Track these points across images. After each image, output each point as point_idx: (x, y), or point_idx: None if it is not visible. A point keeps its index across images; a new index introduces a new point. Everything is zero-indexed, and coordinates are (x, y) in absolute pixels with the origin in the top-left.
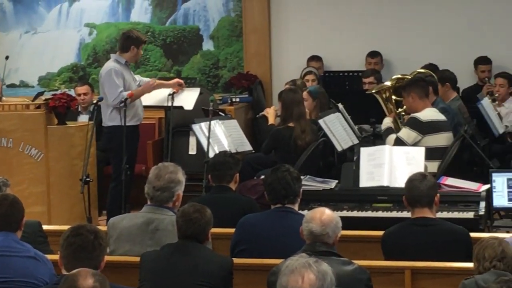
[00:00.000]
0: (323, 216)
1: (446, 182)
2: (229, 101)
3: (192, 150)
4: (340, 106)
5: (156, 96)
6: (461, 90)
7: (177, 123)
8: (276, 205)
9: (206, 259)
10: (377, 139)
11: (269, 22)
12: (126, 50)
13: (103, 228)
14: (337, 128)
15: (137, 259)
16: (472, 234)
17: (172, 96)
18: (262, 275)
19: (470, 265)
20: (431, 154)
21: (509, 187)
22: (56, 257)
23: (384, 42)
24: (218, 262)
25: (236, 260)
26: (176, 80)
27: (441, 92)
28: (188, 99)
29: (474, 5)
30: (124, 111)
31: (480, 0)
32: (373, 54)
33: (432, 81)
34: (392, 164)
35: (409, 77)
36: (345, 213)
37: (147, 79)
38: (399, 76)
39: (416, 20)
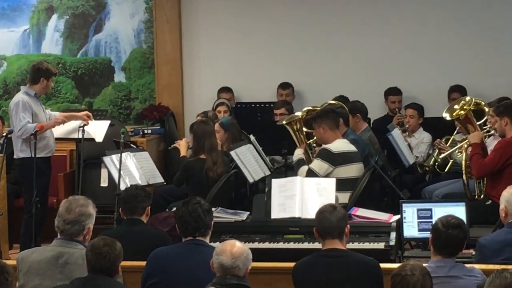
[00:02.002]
0: (234, 248)
1: (357, 213)
2: (141, 133)
3: (104, 182)
4: (252, 137)
5: (67, 128)
6: (372, 121)
7: (89, 155)
8: (187, 238)
9: None
10: (289, 170)
11: (181, 54)
12: (36, 82)
13: (13, 262)
14: (249, 160)
15: None
16: (383, 265)
17: (82, 128)
18: None
19: None
20: (342, 185)
21: (419, 217)
22: None
23: (296, 73)
24: None
25: None
26: (85, 112)
27: (352, 123)
28: (98, 131)
29: (384, 37)
30: (34, 144)
31: (390, 31)
32: (285, 86)
33: (342, 112)
34: (303, 195)
35: (320, 108)
36: (256, 245)
37: (56, 113)
38: (310, 107)
39: (328, 51)
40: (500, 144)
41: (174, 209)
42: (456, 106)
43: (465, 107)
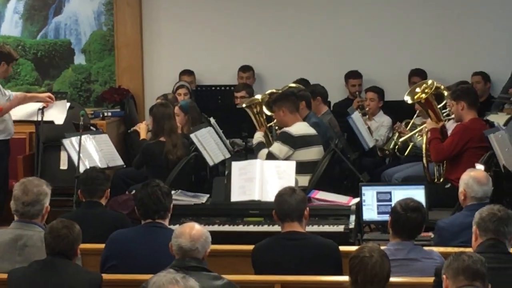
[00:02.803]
0: (193, 231)
1: (317, 196)
2: (101, 116)
3: (63, 165)
4: (212, 120)
5: (26, 111)
6: (332, 104)
7: (48, 138)
8: (146, 221)
9: (75, 276)
10: (249, 153)
11: (141, 36)
12: None
13: None
14: (209, 143)
15: (5, 276)
16: (342, 248)
17: (42, 110)
18: None
19: (339, 278)
20: (302, 168)
21: (378, 200)
22: None
23: (256, 56)
24: (86, 279)
25: (105, 276)
26: (47, 94)
27: (312, 106)
28: (58, 113)
29: (345, 20)
30: None
31: (351, 14)
32: (245, 69)
33: (305, 95)
34: (263, 178)
35: (280, 91)
36: (216, 228)
37: (18, 93)
38: (271, 90)
39: (288, 35)
40: (457, 129)
41: (134, 191)
42: (417, 89)
43: (426, 90)
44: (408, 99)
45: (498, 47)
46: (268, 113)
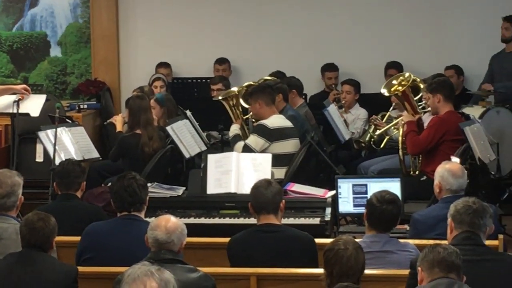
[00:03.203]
0: (168, 223)
1: (293, 188)
2: (77, 108)
3: (39, 158)
4: (188, 113)
5: (2, 103)
6: (308, 97)
7: (24, 130)
8: (122, 213)
9: (50, 268)
10: (225, 145)
11: (117, 29)
12: None
13: None
14: (185, 135)
15: None
16: (318, 240)
17: (17, 102)
18: (107, 283)
19: (315, 271)
20: (278, 160)
21: (354, 193)
22: None
23: (233, 49)
24: (62, 271)
25: (81, 269)
26: (23, 86)
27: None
28: (34, 106)
29: (322, 13)
30: None
31: (327, 8)
32: (221, 61)
33: (282, 88)
34: (239, 171)
35: (257, 84)
36: (192, 220)
37: None
38: (248, 83)
39: (265, 27)
40: (433, 122)
41: (110, 184)
42: (394, 82)
43: (403, 83)
44: (385, 91)
45: (473, 40)
46: (245, 105)
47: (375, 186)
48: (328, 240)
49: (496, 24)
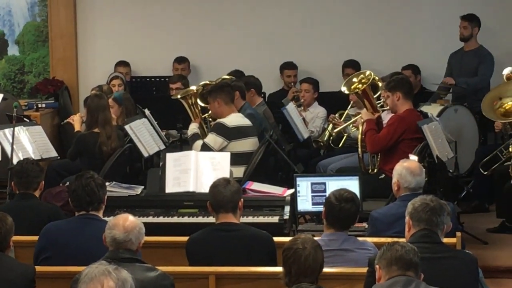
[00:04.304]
0: (126, 222)
1: (252, 187)
2: (35, 107)
3: None
4: (147, 111)
5: None
6: (267, 95)
7: None
8: (80, 212)
9: (7, 268)
10: (184, 144)
11: (75, 27)
12: None
13: None
14: (144, 134)
15: None
16: (276, 239)
17: None
18: (65, 283)
19: (274, 269)
20: (236, 159)
21: (313, 191)
22: None
23: (192, 48)
24: (19, 271)
25: (39, 268)
26: None
27: (246, 98)
28: None
29: (279, 11)
30: None
31: (285, 6)
32: (181, 60)
33: (238, 85)
34: (198, 170)
35: (213, 83)
36: (151, 219)
37: None
38: (206, 82)
39: (223, 26)
40: (392, 120)
41: (68, 183)
42: (354, 80)
43: (363, 81)
44: (345, 89)
45: (430, 39)
46: (203, 104)
47: (333, 185)
48: (287, 239)
49: (451, 22)
